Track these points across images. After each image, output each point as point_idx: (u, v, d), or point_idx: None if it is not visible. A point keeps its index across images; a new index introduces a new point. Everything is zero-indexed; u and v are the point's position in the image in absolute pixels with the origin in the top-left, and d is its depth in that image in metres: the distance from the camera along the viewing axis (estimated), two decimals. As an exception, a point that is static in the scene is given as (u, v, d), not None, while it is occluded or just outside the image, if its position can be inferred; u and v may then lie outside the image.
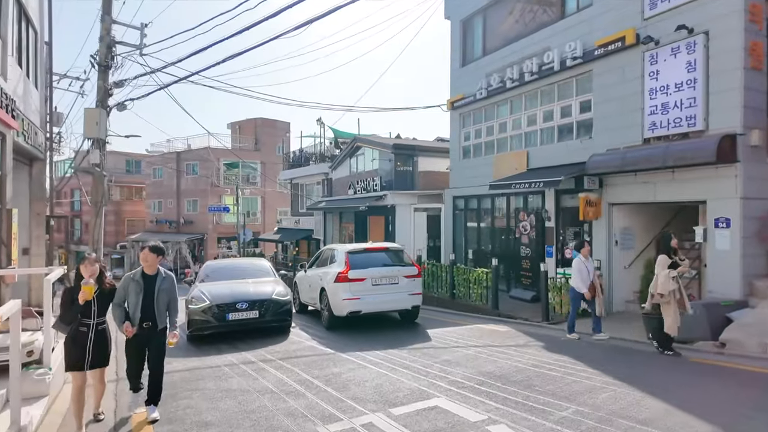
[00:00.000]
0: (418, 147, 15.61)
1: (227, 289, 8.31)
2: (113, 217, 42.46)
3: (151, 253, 4.75)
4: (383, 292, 8.59)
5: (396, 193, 15.52)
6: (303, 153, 26.50)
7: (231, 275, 9.29)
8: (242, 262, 11.22)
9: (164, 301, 4.69)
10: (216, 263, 10.84)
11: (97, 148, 13.96)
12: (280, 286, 8.76)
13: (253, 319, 8.01)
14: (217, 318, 7.87)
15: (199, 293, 8.17)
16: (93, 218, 14.17)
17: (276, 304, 8.20)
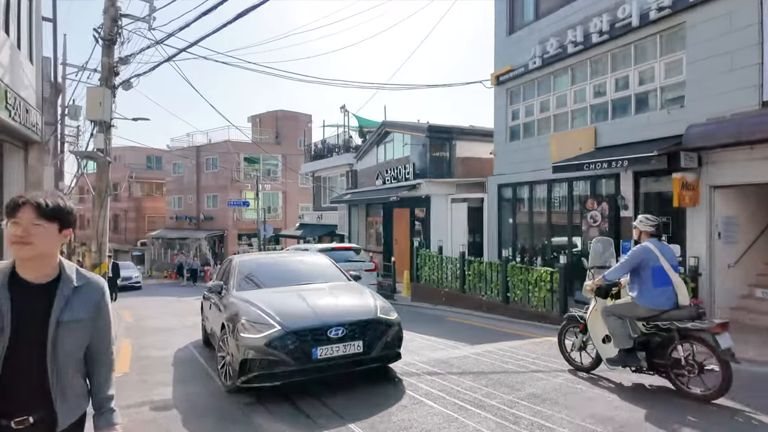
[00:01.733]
0: (455, 130, 13.81)
1: (299, 303, 5.02)
2: (134, 214, 41.90)
3: (37, 219, 1.70)
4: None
5: (431, 181, 13.75)
6: (326, 144, 24.95)
7: (284, 278, 6.00)
8: (290, 258, 7.20)
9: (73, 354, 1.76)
10: (254, 260, 6.88)
11: (101, 131, 12.62)
12: (376, 297, 5.48)
13: (354, 356, 4.66)
14: (297, 355, 4.49)
15: (256, 311, 4.81)
16: (96, 209, 12.86)
17: (384, 327, 4.92)
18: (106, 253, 12.68)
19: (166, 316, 12.32)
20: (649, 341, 4.40)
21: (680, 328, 4.15)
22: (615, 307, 4.57)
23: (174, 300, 17.23)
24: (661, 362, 4.29)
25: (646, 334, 4.43)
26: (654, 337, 4.38)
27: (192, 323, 10.49)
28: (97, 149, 12.34)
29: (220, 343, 5.22)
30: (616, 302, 4.67)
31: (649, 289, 4.33)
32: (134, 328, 10.24)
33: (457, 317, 9.82)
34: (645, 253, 4.37)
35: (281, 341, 4.50)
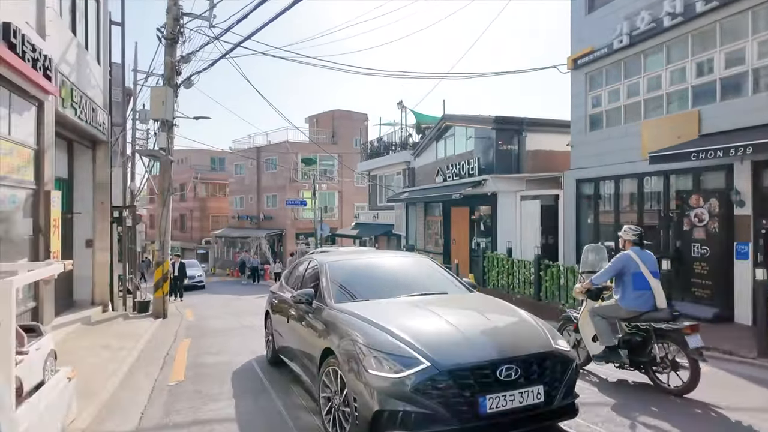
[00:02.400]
0: (525, 121, 12.66)
1: (440, 324, 3.67)
2: (198, 213, 43.67)
3: None
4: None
5: (498, 177, 12.68)
6: (382, 142, 24.38)
7: (391, 286, 4.69)
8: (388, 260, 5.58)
9: None
10: (346, 261, 5.26)
11: (163, 130, 12.75)
12: (535, 318, 4.05)
13: (533, 408, 3.28)
14: (459, 407, 3.14)
15: (385, 336, 3.47)
16: (159, 208, 13.02)
17: (563, 363, 3.51)
18: (168, 251, 12.81)
19: (225, 315, 12.18)
20: (631, 340, 4.85)
21: (656, 329, 4.62)
22: (600, 309, 5.05)
23: (234, 298, 17.32)
24: (641, 359, 4.77)
25: (629, 334, 4.89)
26: (635, 337, 4.84)
27: (249, 324, 10.20)
28: (159, 148, 12.45)
29: (324, 379, 3.77)
30: (602, 304, 5.10)
31: (630, 293, 4.79)
32: (194, 328, 10.08)
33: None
34: (626, 260, 4.85)
35: (434, 384, 3.08)
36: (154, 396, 5.15)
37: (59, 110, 7.83)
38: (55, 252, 7.39)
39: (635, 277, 4.77)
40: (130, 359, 6.83)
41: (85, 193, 11.05)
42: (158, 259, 12.25)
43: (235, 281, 29.22)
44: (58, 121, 8.17)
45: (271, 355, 6.20)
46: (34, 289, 7.08)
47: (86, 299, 11.00)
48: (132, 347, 7.65)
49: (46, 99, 7.14)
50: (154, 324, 10.69)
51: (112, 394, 5.18)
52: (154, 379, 5.82)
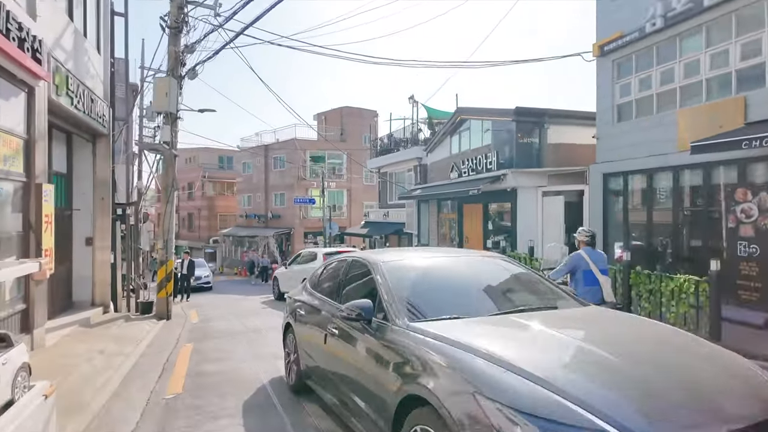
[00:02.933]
0: (548, 112, 11.95)
1: (603, 359, 2.36)
2: (206, 212, 43.37)
3: None
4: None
5: (519, 172, 11.99)
6: (392, 138, 23.75)
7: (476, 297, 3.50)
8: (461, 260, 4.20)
9: None
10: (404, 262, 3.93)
11: (167, 123, 12.23)
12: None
13: None
14: None
15: (531, 387, 2.10)
16: (162, 205, 12.49)
17: None
18: (172, 249, 12.28)
19: (231, 317, 11.64)
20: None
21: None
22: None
23: (241, 299, 16.79)
24: None
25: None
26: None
27: (254, 326, 9.64)
28: (163, 142, 11.93)
29: None
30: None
31: (581, 288, 5.37)
32: (198, 331, 9.53)
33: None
34: (578, 260, 5.55)
35: None
36: (147, 412, 4.57)
37: (53, 98, 7.30)
38: (47, 250, 6.85)
39: (585, 274, 5.45)
40: (126, 367, 6.28)
41: (85, 189, 10.55)
42: (162, 257, 11.73)
43: (242, 280, 28.76)
44: (52, 110, 7.64)
45: (295, 381, 4.86)
46: (24, 289, 6.55)
47: (86, 300, 10.51)
48: (130, 353, 7.10)
49: (36, 85, 6.60)
50: (157, 326, 10.16)
51: (100, 410, 4.61)
52: (149, 390, 5.25)
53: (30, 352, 6.57)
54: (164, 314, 11.47)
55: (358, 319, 3.24)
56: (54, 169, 9.29)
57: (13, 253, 6.36)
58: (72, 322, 8.77)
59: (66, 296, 10.04)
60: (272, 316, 11.33)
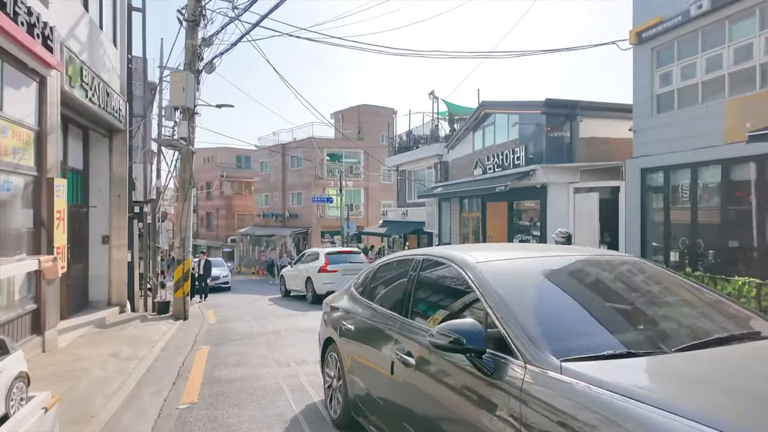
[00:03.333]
0: (580, 104, 11.31)
1: None
2: (224, 211, 43.49)
3: None
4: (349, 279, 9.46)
5: (549, 167, 11.37)
6: (411, 136, 23.24)
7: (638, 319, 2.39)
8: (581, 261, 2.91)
9: None
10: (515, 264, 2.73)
11: (184, 119, 11.97)
12: None
13: None
14: None
15: None
16: (179, 203, 12.24)
17: None
18: (189, 248, 12.01)
19: (248, 317, 11.30)
20: None
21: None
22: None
23: (258, 299, 16.50)
24: None
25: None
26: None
27: (272, 328, 9.26)
28: (180, 138, 11.66)
29: None
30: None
31: None
32: (215, 333, 9.19)
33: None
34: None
35: None
36: (160, 424, 4.18)
37: (66, 89, 7.02)
38: (59, 247, 6.56)
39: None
40: (140, 371, 5.93)
41: (102, 186, 10.33)
42: (179, 256, 11.46)
43: (260, 280, 28.59)
44: (66, 102, 7.37)
45: (340, 415, 3.82)
46: (35, 289, 6.26)
47: (102, 299, 10.29)
48: (144, 356, 6.77)
49: (48, 74, 6.32)
50: (173, 327, 9.86)
51: (109, 421, 4.24)
52: (163, 399, 4.87)
53: (41, 354, 6.30)
54: (181, 314, 11.19)
55: (460, 349, 2.09)
56: (69, 165, 9.08)
57: (23, 250, 6.07)
58: (87, 323, 8.52)
59: (81, 295, 9.83)
60: (291, 317, 10.96)
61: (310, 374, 5.63)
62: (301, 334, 8.53)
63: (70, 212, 9.03)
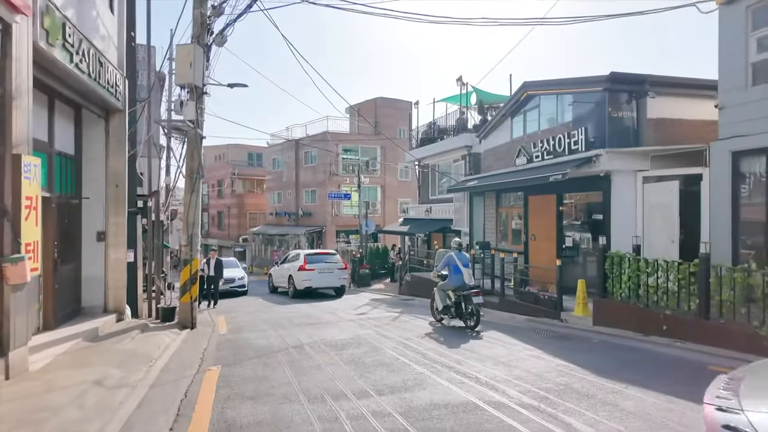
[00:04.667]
0: (649, 79, 9.66)
1: None
2: (236, 210, 42.32)
3: None
4: (324, 276, 15.57)
5: (615, 152, 9.73)
6: (435, 126, 21.68)
7: None
8: None
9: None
10: None
11: (192, 99, 10.56)
12: None
13: None
14: None
15: None
16: (186, 194, 10.84)
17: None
18: (197, 246, 10.60)
19: (264, 326, 9.85)
20: (456, 303, 8.79)
21: (463, 295, 8.65)
22: (440, 286, 9.25)
23: (274, 303, 15.06)
24: (460, 313, 8.72)
25: (455, 301, 8.83)
26: (460, 301, 8.74)
27: (295, 341, 7.78)
28: (188, 120, 10.26)
29: None
30: (440, 283, 9.29)
31: (452, 277, 8.96)
32: (226, 346, 7.73)
33: (722, 365, 5.51)
34: (450, 259, 9.00)
35: None
36: None
37: (41, 46, 5.60)
38: (29, 244, 5.13)
39: (454, 268, 8.89)
40: (129, 406, 4.49)
41: (97, 175, 8.95)
42: (186, 255, 10.05)
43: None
44: (43, 63, 5.97)
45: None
46: (-4, 297, 4.84)
47: (97, 305, 8.92)
48: (138, 381, 5.33)
49: (13, 20, 4.89)
50: (178, 338, 8.44)
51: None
52: (153, 459, 3.39)
53: (3, 382, 4.88)
54: (188, 322, 9.78)
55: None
56: (57, 148, 7.70)
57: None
58: (75, 335, 7.12)
59: (73, 301, 8.45)
60: (314, 326, 9.48)
61: (354, 416, 4.13)
62: (330, 350, 7.03)
63: (58, 204, 7.67)
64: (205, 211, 46.24)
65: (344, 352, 6.89)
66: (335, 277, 15.84)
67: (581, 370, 5.60)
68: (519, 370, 5.65)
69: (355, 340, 7.81)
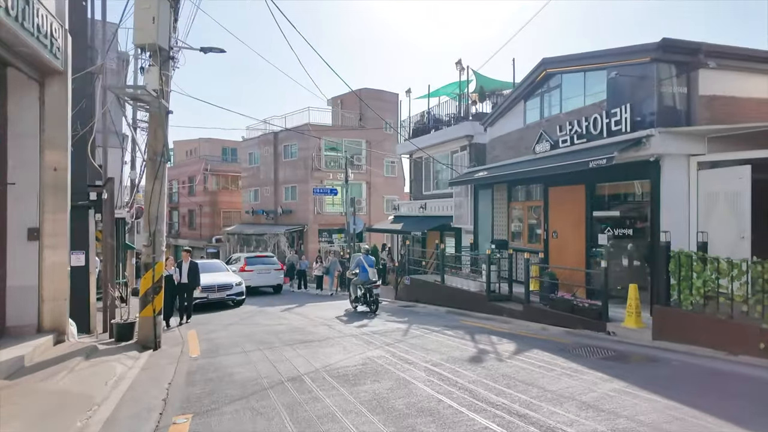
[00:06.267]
0: (704, 48, 8.21)
1: None
2: (209, 208, 39.79)
3: None
4: (263, 276, 17.98)
5: (669, 132, 8.24)
6: (430, 115, 20.07)
7: None
8: None
9: None
10: None
11: (155, 63, 8.58)
12: None
13: None
14: None
15: None
16: (149, 182, 8.83)
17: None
18: (161, 245, 8.60)
19: (248, 345, 7.97)
20: (365, 294, 11.44)
21: (367, 288, 11.29)
22: (353, 281, 11.92)
23: (256, 311, 13.11)
24: (366, 301, 11.42)
25: (363, 292, 11.49)
26: (366, 292, 11.40)
27: (290, 371, 5.95)
28: (150, 90, 8.27)
29: None
30: (353, 279, 11.97)
31: (360, 274, 11.47)
32: (200, 379, 5.85)
33: None
34: (359, 260, 11.65)
35: None
36: None
37: None
38: None
39: (362, 267, 11.44)
40: None
41: (28, 155, 6.92)
42: (147, 258, 8.08)
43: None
44: None
45: None
46: None
47: (28, 324, 6.88)
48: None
49: None
50: (136, 365, 6.52)
51: None
52: None
53: None
54: (150, 342, 7.84)
55: None
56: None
57: None
58: (-16, 370, 5.13)
59: (-8, 320, 6.41)
60: (308, 346, 7.65)
61: None
62: (341, 385, 5.26)
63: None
64: (175, 209, 43.45)
65: (360, 388, 5.13)
66: (272, 276, 18.32)
67: (708, 417, 3.99)
68: (622, 419, 4.01)
69: (369, 367, 6.04)
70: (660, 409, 4.22)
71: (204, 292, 12.85)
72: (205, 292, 12.90)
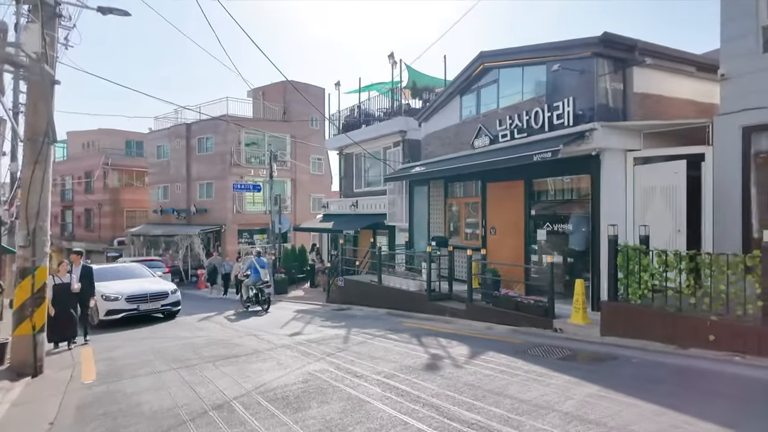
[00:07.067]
0: (639, 46, 8.36)
1: None
2: (110, 207, 35.67)
3: None
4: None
5: (611, 126, 8.26)
6: (361, 110, 19.38)
7: None
8: None
9: None
10: None
11: (36, 20, 6.93)
12: None
13: None
14: None
15: None
16: (28, 167, 7.13)
17: None
18: (43, 247, 6.96)
19: (158, 363, 6.67)
20: (257, 294, 12.69)
21: (259, 288, 12.67)
22: (245, 282, 13.05)
23: (173, 321, 11.48)
24: (257, 300, 12.74)
25: (255, 292, 12.71)
26: (258, 292, 12.67)
27: (214, 396, 4.87)
28: (29, 52, 6.61)
29: None
30: (245, 280, 13.09)
31: (252, 275, 12.83)
32: (95, 417, 4.59)
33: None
34: (251, 262, 13.17)
35: None
36: None
37: None
38: None
39: (254, 269, 12.77)
40: None
41: None
42: (24, 263, 6.45)
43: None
44: None
45: None
46: None
47: None
48: None
49: None
50: (5, 399, 5.03)
51: None
52: None
53: None
54: (28, 366, 6.28)
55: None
56: None
57: None
58: None
59: None
60: (232, 361, 6.55)
61: None
62: (282, 411, 4.34)
63: None
64: (69, 208, 38.50)
65: (306, 413, 4.25)
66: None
67: (703, 423, 3.68)
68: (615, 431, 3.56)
69: (313, 385, 5.16)
70: (648, 416, 3.86)
71: (133, 302, 10.77)
72: (134, 303, 10.78)
